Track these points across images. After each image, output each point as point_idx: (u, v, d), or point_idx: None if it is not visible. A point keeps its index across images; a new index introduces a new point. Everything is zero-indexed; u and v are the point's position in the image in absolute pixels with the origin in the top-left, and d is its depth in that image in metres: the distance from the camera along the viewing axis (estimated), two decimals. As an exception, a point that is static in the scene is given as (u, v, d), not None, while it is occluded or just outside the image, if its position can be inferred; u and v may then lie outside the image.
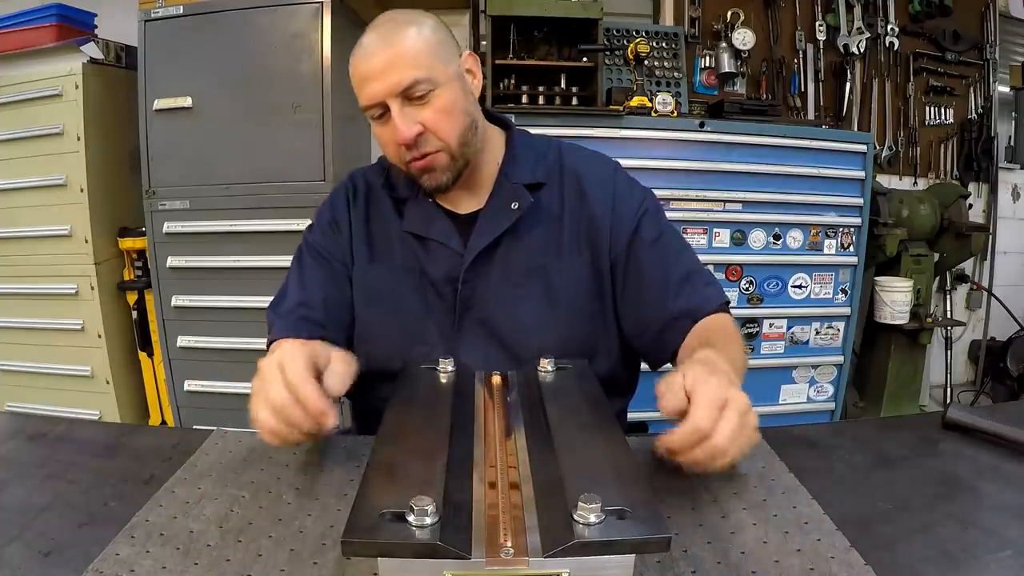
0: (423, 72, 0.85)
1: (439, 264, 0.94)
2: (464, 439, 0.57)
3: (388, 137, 0.88)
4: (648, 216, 0.97)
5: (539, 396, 0.65)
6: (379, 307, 0.97)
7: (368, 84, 0.86)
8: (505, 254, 0.94)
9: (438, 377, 0.69)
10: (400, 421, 0.59)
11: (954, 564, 0.55)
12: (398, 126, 0.85)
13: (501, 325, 0.93)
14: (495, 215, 0.94)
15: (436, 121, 0.87)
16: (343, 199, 1.02)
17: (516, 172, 0.96)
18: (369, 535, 0.41)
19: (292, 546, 0.56)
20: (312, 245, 1.00)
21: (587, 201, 0.96)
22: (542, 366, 0.72)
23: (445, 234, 0.94)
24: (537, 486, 0.50)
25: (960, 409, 0.82)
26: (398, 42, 0.86)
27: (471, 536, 0.43)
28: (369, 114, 0.89)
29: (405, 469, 0.50)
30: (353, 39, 0.91)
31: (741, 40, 2.65)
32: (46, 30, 2.16)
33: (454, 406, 0.62)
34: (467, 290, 0.93)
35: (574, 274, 0.95)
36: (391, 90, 0.85)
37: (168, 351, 2.24)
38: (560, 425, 0.58)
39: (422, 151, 0.87)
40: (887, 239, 2.40)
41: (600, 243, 0.95)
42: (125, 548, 0.55)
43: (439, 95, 0.86)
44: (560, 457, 0.52)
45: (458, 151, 0.90)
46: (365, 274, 0.98)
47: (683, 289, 0.93)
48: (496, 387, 0.72)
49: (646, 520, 0.43)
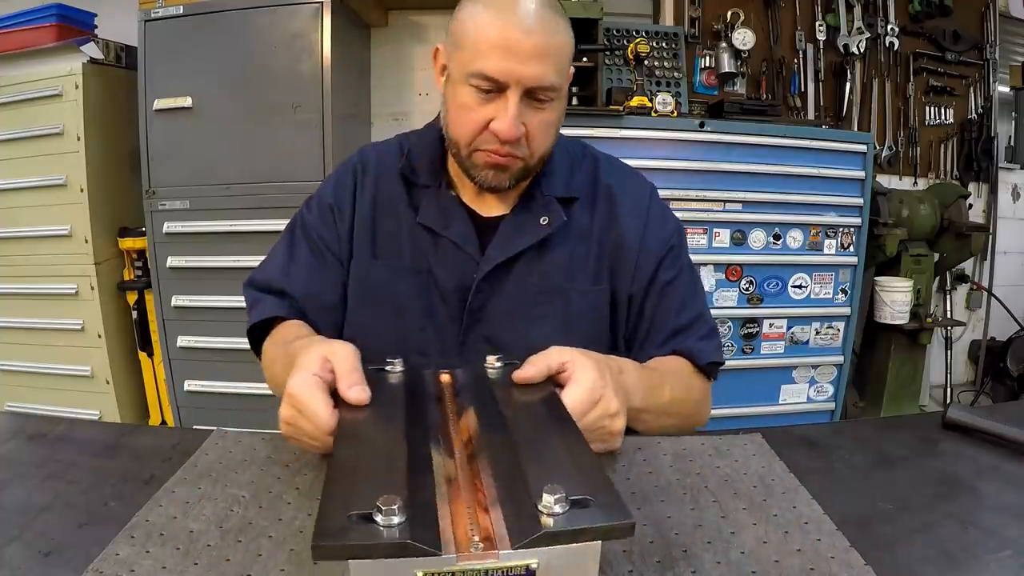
0: (560, 79, 0.78)
1: (450, 268, 0.86)
2: (422, 437, 0.57)
3: (479, 115, 0.78)
4: (671, 254, 0.91)
5: (491, 392, 0.66)
6: (376, 309, 0.89)
7: (503, 57, 0.74)
8: (524, 269, 0.86)
9: (388, 377, 0.69)
10: (355, 423, 0.60)
11: (954, 564, 0.55)
12: (509, 118, 0.76)
13: (510, 346, 0.81)
14: (521, 226, 0.86)
15: (537, 131, 0.80)
16: (349, 179, 0.92)
17: (550, 183, 0.89)
18: (338, 538, 0.41)
19: (292, 546, 0.56)
20: (307, 226, 0.92)
21: (617, 227, 0.89)
22: (489, 363, 0.72)
23: (463, 235, 0.86)
24: (499, 480, 0.51)
25: (960, 409, 0.82)
26: (556, 33, 0.77)
27: (439, 533, 0.44)
28: (475, 83, 0.76)
29: (367, 470, 0.50)
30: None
31: (741, 40, 2.65)
32: (46, 30, 2.16)
33: (408, 405, 0.62)
34: (477, 301, 0.86)
35: (594, 301, 0.89)
36: (528, 79, 0.75)
37: (168, 351, 2.24)
38: (515, 419, 0.59)
39: (510, 152, 0.79)
40: (887, 239, 2.41)
41: (623, 274, 0.89)
42: (125, 548, 0.55)
43: (553, 107, 0.81)
44: (519, 451, 0.53)
45: (534, 166, 0.84)
46: (365, 271, 0.89)
47: (678, 336, 0.89)
48: (446, 385, 0.72)
49: (609, 507, 0.44)
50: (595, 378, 0.65)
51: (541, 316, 0.87)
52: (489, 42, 0.75)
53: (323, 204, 0.92)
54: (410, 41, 2.67)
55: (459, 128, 0.81)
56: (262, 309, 0.89)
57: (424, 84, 2.70)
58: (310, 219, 0.93)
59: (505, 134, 0.77)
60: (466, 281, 0.86)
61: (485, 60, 0.75)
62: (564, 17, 0.79)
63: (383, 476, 0.49)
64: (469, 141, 0.80)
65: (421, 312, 0.87)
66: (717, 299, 2.22)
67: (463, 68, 0.77)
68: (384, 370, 0.70)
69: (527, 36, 0.74)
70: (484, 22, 0.75)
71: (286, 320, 0.89)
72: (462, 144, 0.81)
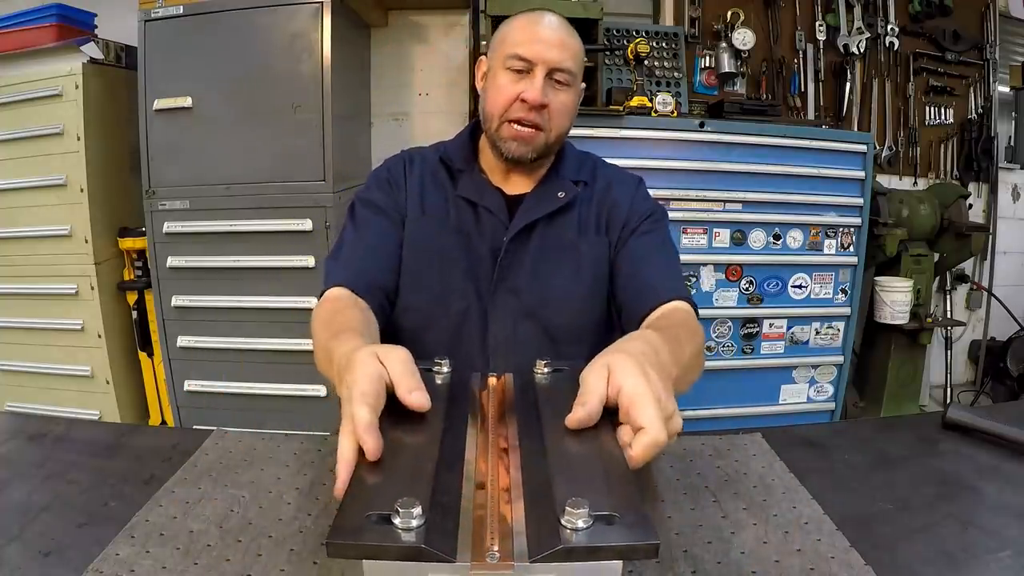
0: (574, 67, 1.00)
1: (485, 232, 1.03)
2: (456, 441, 0.56)
3: (512, 90, 0.98)
4: (653, 219, 1.07)
5: (534, 398, 0.65)
6: (426, 257, 1.04)
7: (537, 43, 0.97)
8: (543, 232, 1.04)
9: (434, 379, 0.69)
10: (393, 423, 0.59)
11: (954, 564, 0.55)
12: (536, 87, 0.96)
13: (531, 296, 1.02)
14: (541, 199, 1.05)
15: (557, 108, 0.99)
16: (400, 164, 1.10)
17: (565, 170, 1.09)
18: (354, 537, 0.41)
19: (292, 546, 0.56)
20: (367, 200, 1.07)
21: (612, 193, 1.09)
22: (538, 368, 0.72)
23: (495, 205, 1.04)
24: (527, 490, 0.50)
25: (960, 409, 0.82)
26: (572, 36, 1.01)
27: (457, 539, 0.43)
28: (510, 65, 0.98)
29: (393, 471, 0.50)
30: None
31: (741, 40, 2.65)
32: (46, 30, 2.16)
33: (448, 407, 0.62)
34: (507, 259, 1.02)
35: (598, 252, 1.05)
36: (551, 60, 0.97)
37: (168, 351, 2.24)
38: (553, 428, 0.58)
39: (535, 120, 0.98)
40: (887, 239, 2.40)
41: (614, 229, 1.07)
42: (125, 548, 0.55)
43: (569, 92, 1.01)
44: (551, 461, 0.51)
45: (553, 142, 1.02)
46: (417, 226, 1.05)
47: (656, 271, 1.02)
48: (492, 389, 0.71)
49: (634, 526, 0.42)
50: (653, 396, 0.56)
51: (556, 268, 1.04)
52: (523, 32, 0.99)
53: (380, 179, 1.09)
54: (410, 41, 2.67)
55: (495, 102, 1.00)
56: (334, 277, 0.98)
57: (424, 84, 2.70)
58: (368, 195, 1.08)
59: (533, 98, 0.96)
60: (497, 243, 1.03)
61: (518, 46, 0.98)
62: (578, 38, 1.03)
63: (409, 478, 0.48)
64: (502, 112, 0.99)
65: (463, 263, 1.03)
66: (717, 299, 2.22)
67: (503, 55, 0.99)
68: (431, 371, 0.70)
69: (551, 30, 0.99)
70: (518, 26, 1.01)
71: (342, 288, 0.97)
72: (496, 115, 1.00)
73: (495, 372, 0.74)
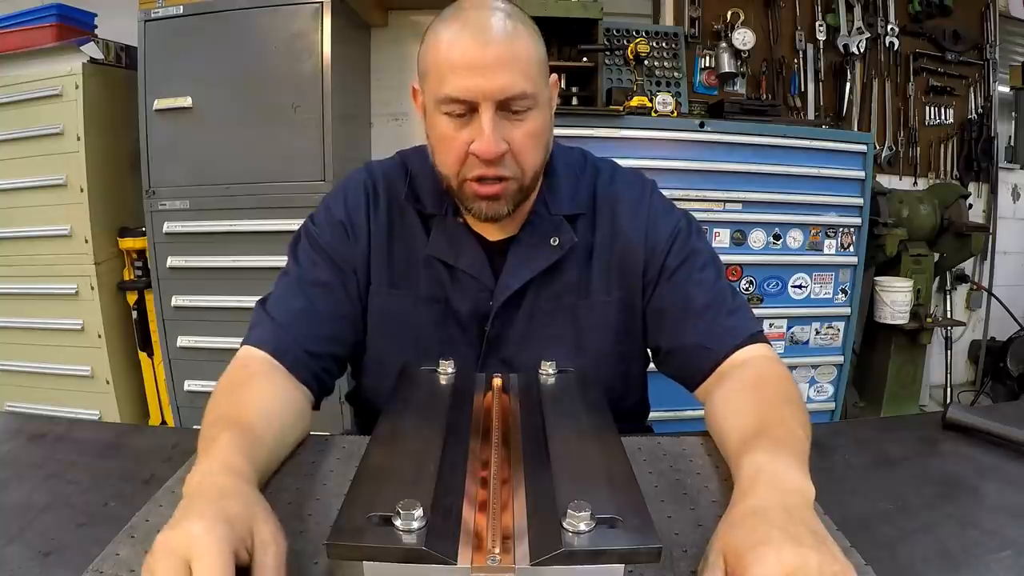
0: (531, 86, 0.74)
1: (466, 297, 0.86)
2: (459, 443, 0.56)
3: (458, 141, 0.76)
4: (678, 242, 0.87)
5: (539, 401, 0.65)
6: (395, 337, 0.88)
7: (466, 75, 0.72)
8: (536, 291, 0.86)
9: (438, 379, 0.69)
10: (396, 423, 0.59)
11: (954, 564, 0.55)
12: (488, 137, 0.73)
13: (526, 366, 0.81)
14: (532, 249, 0.85)
15: (522, 145, 0.76)
16: (362, 200, 0.89)
17: (556, 201, 0.87)
18: (355, 538, 0.41)
19: (292, 546, 0.56)
20: (317, 244, 0.87)
21: (621, 233, 0.88)
22: (543, 369, 0.72)
23: (476, 265, 0.85)
24: (529, 493, 0.49)
25: (960, 409, 0.82)
26: (516, 39, 0.74)
27: (458, 541, 0.43)
28: (447, 108, 0.75)
29: (396, 472, 0.50)
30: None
31: (741, 40, 2.65)
32: (46, 30, 2.16)
33: (451, 409, 0.62)
34: (495, 330, 0.87)
35: (603, 315, 0.88)
36: (493, 94, 0.72)
37: (168, 351, 2.24)
38: (557, 430, 0.58)
39: (498, 172, 0.76)
40: (887, 239, 2.40)
41: (633, 280, 0.88)
42: (125, 548, 0.55)
43: (534, 117, 0.76)
44: (554, 463, 0.51)
45: (529, 183, 0.80)
46: (384, 300, 0.88)
47: (700, 321, 0.83)
48: (496, 391, 0.71)
49: (636, 530, 0.42)
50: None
51: (553, 338, 0.87)
52: (449, 64, 0.73)
53: (334, 219, 0.88)
54: (410, 41, 2.66)
55: (444, 160, 0.79)
56: (258, 336, 0.84)
57: (424, 84, 2.69)
58: (319, 236, 0.88)
59: (485, 153, 0.74)
60: (481, 308, 0.86)
61: (449, 83, 0.73)
62: (527, 23, 0.77)
63: (411, 479, 0.48)
64: (456, 171, 0.78)
65: (440, 339, 0.87)
66: (717, 299, 2.22)
67: (433, 97, 0.76)
68: (435, 371, 0.70)
69: (484, 48, 0.72)
70: (441, 47, 0.74)
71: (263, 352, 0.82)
72: (451, 177, 0.79)
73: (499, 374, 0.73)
